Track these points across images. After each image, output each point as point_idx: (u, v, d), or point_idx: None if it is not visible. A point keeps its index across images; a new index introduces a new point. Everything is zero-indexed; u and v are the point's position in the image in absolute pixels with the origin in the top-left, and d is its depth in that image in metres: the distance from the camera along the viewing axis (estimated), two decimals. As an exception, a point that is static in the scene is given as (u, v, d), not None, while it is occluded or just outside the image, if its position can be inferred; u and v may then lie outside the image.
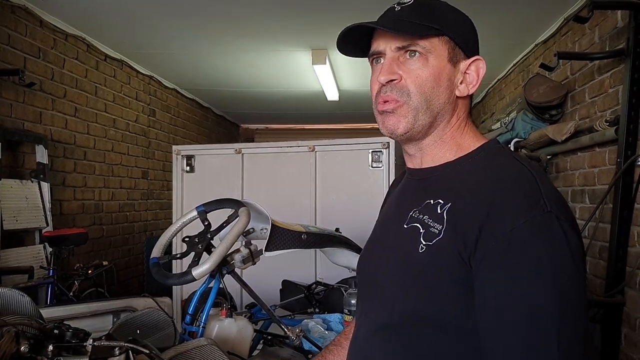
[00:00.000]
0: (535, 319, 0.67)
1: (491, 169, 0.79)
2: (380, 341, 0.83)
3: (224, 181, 3.17)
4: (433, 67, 0.81)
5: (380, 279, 0.86)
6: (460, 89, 0.84)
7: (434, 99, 0.82)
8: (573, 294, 0.69)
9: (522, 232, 0.69)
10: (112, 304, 1.92)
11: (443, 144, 0.85)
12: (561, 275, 0.68)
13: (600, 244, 2.64)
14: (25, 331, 1.01)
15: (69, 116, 3.67)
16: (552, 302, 0.67)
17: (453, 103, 0.84)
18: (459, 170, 0.83)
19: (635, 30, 2.35)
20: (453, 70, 0.83)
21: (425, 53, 0.81)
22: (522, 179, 0.74)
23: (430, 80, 0.81)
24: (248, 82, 5.34)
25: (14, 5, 3.06)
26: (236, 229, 1.63)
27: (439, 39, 0.81)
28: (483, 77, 0.85)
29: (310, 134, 7.99)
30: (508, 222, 0.70)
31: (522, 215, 0.69)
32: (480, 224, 0.71)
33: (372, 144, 2.95)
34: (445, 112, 0.84)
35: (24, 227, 3.05)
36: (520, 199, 0.71)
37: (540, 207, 0.70)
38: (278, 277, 2.67)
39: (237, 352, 1.64)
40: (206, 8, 3.31)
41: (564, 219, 0.71)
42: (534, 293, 0.67)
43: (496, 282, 0.70)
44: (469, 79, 0.84)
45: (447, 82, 0.82)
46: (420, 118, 0.82)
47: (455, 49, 0.82)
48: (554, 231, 0.69)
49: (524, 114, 3.28)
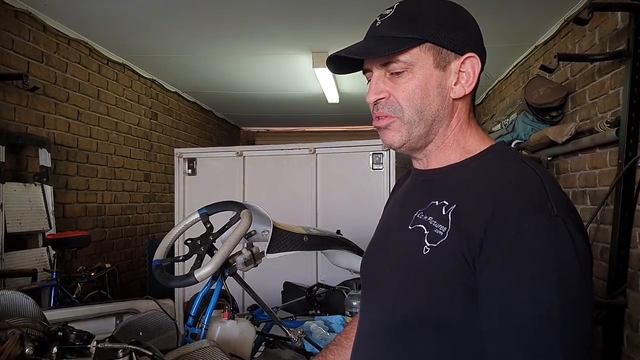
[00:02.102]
0: (539, 322, 0.66)
1: (497, 171, 0.78)
2: (382, 342, 0.83)
3: (226, 184, 3.18)
4: (419, 78, 0.79)
5: (383, 279, 0.86)
6: (456, 90, 0.81)
7: (425, 109, 0.81)
8: (579, 297, 0.68)
9: (528, 236, 0.68)
10: (115, 307, 1.93)
11: (446, 147, 0.84)
12: (567, 278, 0.67)
13: (602, 245, 2.64)
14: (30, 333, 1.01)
15: (71, 120, 3.69)
16: (557, 305, 0.66)
17: (449, 107, 0.82)
18: (464, 172, 0.82)
19: (635, 32, 2.36)
20: (443, 74, 0.80)
21: (408, 67, 0.79)
22: (529, 182, 0.73)
23: (418, 92, 0.80)
24: (249, 85, 5.36)
25: (18, 10, 3.08)
26: (238, 231, 1.64)
27: (420, 47, 0.79)
28: (480, 73, 0.82)
29: (311, 137, 7.99)
30: (514, 225, 0.69)
31: (528, 219, 0.69)
32: (485, 226, 0.71)
33: (373, 146, 2.95)
34: (442, 118, 0.82)
35: (28, 230, 3.06)
36: (527, 201, 0.70)
37: (547, 210, 0.69)
38: (280, 279, 2.68)
39: (240, 354, 1.65)
40: (208, 12, 3.32)
41: (570, 223, 0.70)
42: (539, 296, 0.67)
43: (501, 284, 0.69)
44: (465, 78, 0.81)
45: (437, 88, 0.80)
46: (414, 130, 0.82)
47: (441, 53, 0.80)
48: (560, 235, 0.68)
49: (525, 116, 3.29)
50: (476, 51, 0.82)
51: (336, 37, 3.70)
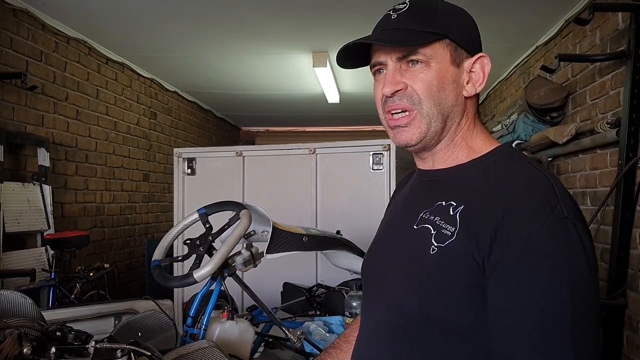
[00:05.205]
0: (550, 323, 0.66)
1: (506, 173, 0.78)
2: (385, 342, 0.82)
3: (225, 184, 3.17)
4: (436, 72, 0.80)
5: (387, 279, 0.85)
6: (467, 88, 0.83)
7: (442, 102, 0.81)
8: (588, 299, 0.68)
9: (539, 237, 0.68)
10: (113, 307, 1.92)
11: (455, 146, 0.84)
12: (577, 281, 0.67)
13: (602, 246, 2.63)
14: (28, 333, 1.01)
15: (70, 119, 3.68)
16: (567, 307, 0.66)
17: (462, 104, 0.83)
18: (471, 173, 0.82)
19: (636, 32, 2.35)
20: (457, 71, 0.82)
21: (426, 60, 0.80)
22: (539, 184, 0.74)
23: (436, 84, 0.80)
24: (249, 85, 5.35)
25: (16, 8, 3.08)
26: (237, 231, 1.63)
27: (440, 43, 0.80)
28: (489, 74, 0.84)
29: (311, 137, 7.99)
30: (524, 227, 0.69)
31: (539, 220, 0.69)
32: (495, 227, 0.71)
33: (373, 147, 2.95)
34: (455, 115, 0.83)
35: (26, 229, 3.05)
36: (537, 203, 0.70)
37: (557, 212, 0.69)
38: (279, 280, 2.67)
39: (239, 355, 1.64)
40: (207, 11, 3.32)
41: (579, 225, 0.70)
42: (549, 298, 0.67)
43: (511, 286, 0.69)
44: (475, 77, 0.83)
45: (452, 84, 0.81)
46: (432, 125, 0.81)
47: (457, 50, 0.81)
48: (570, 237, 0.69)
49: (525, 116, 3.28)
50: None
51: (336, 37, 3.70)
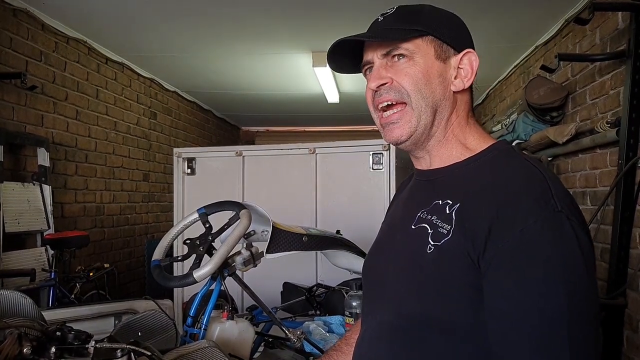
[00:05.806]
0: (546, 320, 0.66)
1: (501, 170, 0.78)
2: (386, 342, 0.82)
3: (225, 183, 3.17)
4: (421, 66, 0.82)
5: (387, 279, 0.86)
6: (456, 83, 0.85)
7: (430, 95, 0.83)
8: (584, 295, 0.68)
9: (532, 232, 0.68)
10: (113, 307, 1.92)
11: (447, 142, 0.85)
12: (572, 276, 0.67)
13: (602, 245, 2.64)
14: (28, 333, 1.01)
15: (70, 119, 3.68)
16: (563, 303, 0.66)
17: (450, 99, 0.85)
18: (467, 171, 0.82)
19: (636, 32, 2.36)
20: (444, 66, 0.84)
21: (410, 55, 0.82)
22: (533, 180, 0.74)
23: (421, 77, 0.82)
24: (249, 85, 5.35)
25: (16, 8, 3.08)
26: (237, 231, 1.63)
27: (423, 39, 0.83)
28: (477, 69, 0.85)
29: (310, 137, 7.99)
30: (518, 222, 0.69)
31: (533, 216, 0.69)
32: (489, 224, 0.71)
33: (373, 146, 2.94)
34: (444, 109, 0.84)
35: (26, 229, 3.05)
36: (531, 199, 0.71)
37: (551, 207, 0.69)
38: (279, 279, 2.67)
39: (239, 355, 1.64)
40: (207, 11, 3.31)
41: (574, 220, 0.70)
42: (544, 294, 0.66)
43: (506, 283, 0.69)
44: (463, 72, 0.85)
45: (438, 78, 0.83)
46: (422, 118, 0.83)
47: (442, 46, 0.83)
48: (564, 231, 0.69)
49: (525, 116, 3.29)
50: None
51: (336, 37, 3.66)
